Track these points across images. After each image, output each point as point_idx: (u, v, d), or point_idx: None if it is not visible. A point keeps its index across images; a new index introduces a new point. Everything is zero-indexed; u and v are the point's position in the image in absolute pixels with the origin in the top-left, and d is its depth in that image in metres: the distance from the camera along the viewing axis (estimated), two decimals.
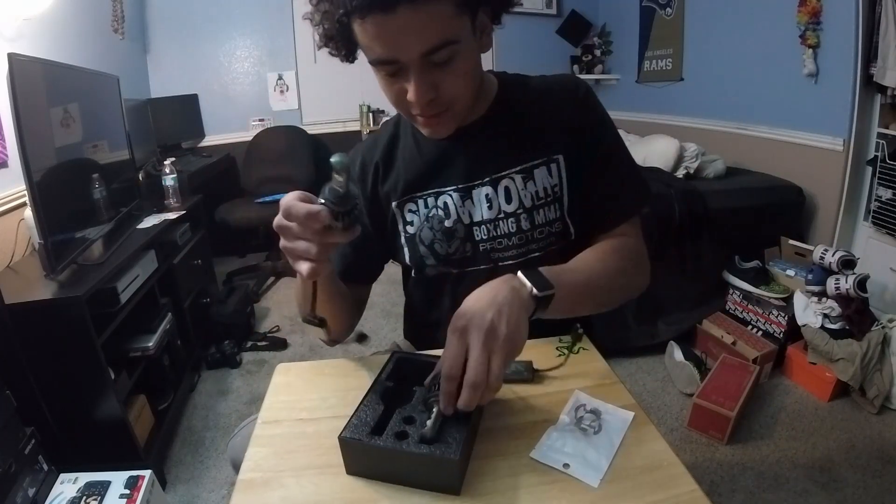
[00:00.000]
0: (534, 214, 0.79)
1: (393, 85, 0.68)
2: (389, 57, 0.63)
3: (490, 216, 0.80)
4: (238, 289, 2.62)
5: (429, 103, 0.67)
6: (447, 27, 0.62)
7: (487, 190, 0.80)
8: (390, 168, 0.85)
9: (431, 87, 0.66)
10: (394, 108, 0.74)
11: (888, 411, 1.79)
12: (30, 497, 1.20)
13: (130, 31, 2.94)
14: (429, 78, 0.65)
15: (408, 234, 0.84)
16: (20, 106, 1.25)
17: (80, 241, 1.53)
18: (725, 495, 1.50)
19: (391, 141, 0.86)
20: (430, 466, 0.54)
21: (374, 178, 0.85)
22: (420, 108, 0.68)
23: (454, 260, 0.83)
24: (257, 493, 0.55)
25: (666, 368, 2.10)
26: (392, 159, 0.85)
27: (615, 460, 0.57)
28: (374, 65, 0.66)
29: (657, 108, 3.23)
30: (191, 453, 1.74)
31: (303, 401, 0.70)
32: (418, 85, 0.65)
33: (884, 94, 1.98)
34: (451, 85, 0.67)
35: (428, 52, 0.62)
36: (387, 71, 0.66)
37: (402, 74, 0.65)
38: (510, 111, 0.81)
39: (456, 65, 0.65)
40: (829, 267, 1.89)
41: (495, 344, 0.55)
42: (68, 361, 1.38)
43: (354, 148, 0.90)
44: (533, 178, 0.79)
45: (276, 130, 3.42)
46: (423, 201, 0.82)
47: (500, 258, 0.82)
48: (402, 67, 0.64)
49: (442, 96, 0.68)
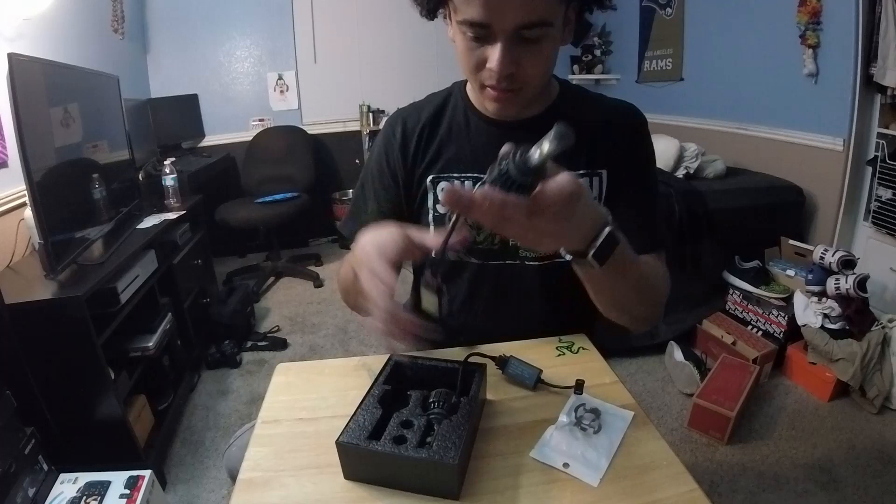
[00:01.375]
0: None
1: (474, 50, 0.67)
2: (484, 20, 0.63)
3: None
4: (238, 289, 2.62)
5: (507, 77, 0.67)
6: (548, 7, 0.62)
7: None
8: (433, 138, 0.83)
9: (513, 62, 0.66)
10: (465, 74, 0.73)
11: (888, 411, 1.79)
12: (30, 497, 1.20)
13: (130, 31, 2.94)
14: (514, 51, 0.65)
15: (437, 213, 0.83)
16: (20, 106, 1.25)
17: (80, 241, 1.53)
18: (725, 495, 1.50)
19: (438, 111, 0.85)
20: (429, 471, 0.53)
21: (417, 144, 0.83)
22: (496, 80, 0.68)
23: (479, 250, 0.82)
24: (257, 493, 0.55)
25: (666, 368, 2.10)
26: (436, 130, 0.84)
27: (615, 460, 0.57)
28: (464, 25, 0.65)
29: (657, 108, 3.23)
30: (191, 453, 1.74)
31: (302, 401, 0.70)
32: (503, 55, 0.64)
33: (884, 94, 1.97)
34: (532, 65, 0.67)
35: (523, 26, 0.62)
36: (474, 34, 0.65)
37: (488, 41, 0.65)
38: (566, 114, 0.79)
39: (542, 47, 0.66)
40: (829, 267, 1.89)
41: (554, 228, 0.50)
42: (68, 361, 1.38)
43: (398, 110, 0.89)
44: None
45: (276, 130, 3.42)
46: (460, 183, 0.81)
47: (528, 257, 0.81)
48: (490, 34, 0.64)
49: (520, 74, 0.67)
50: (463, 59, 0.70)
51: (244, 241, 3.46)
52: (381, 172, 0.86)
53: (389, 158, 0.85)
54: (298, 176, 3.25)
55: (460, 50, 0.70)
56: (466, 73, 0.72)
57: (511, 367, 0.70)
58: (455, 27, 0.68)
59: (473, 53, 0.67)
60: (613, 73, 3.68)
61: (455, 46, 0.71)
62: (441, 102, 0.85)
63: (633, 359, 2.17)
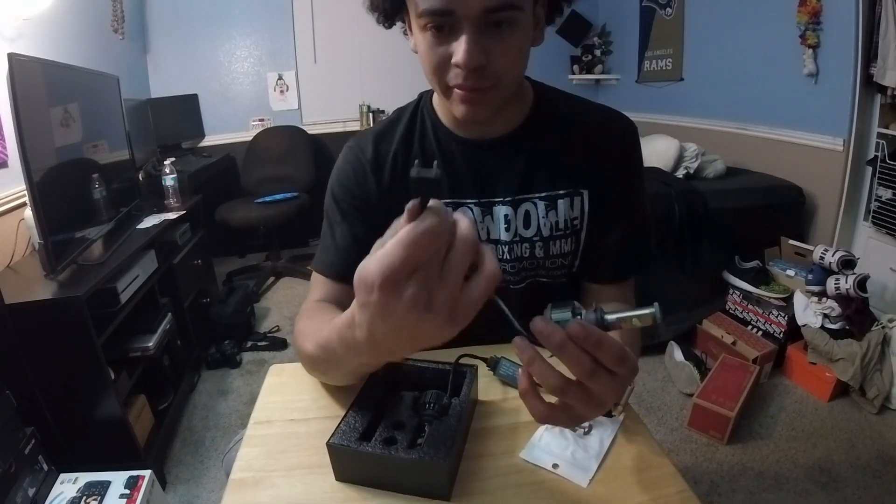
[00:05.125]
0: (549, 244, 0.77)
1: (437, 47, 0.61)
2: (446, 6, 0.57)
3: (507, 238, 0.77)
4: (238, 289, 2.62)
5: (476, 71, 0.61)
6: None
7: (507, 210, 0.76)
8: (407, 163, 0.78)
9: (482, 53, 0.60)
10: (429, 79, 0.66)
11: (888, 411, 1.79)
12: (30, 497, 1.20)
13: (130, 31, 2.94)
14: (482, 40, 0.59)
15: None
16: (20, 106, 1.26)
17: (80, 241, 1.53)
18: (725, 495, 1.50)
19: (408, 131, 0.79)
20: (420, 472, 0.53)
21: (393, 170, 0.78)
22: (465, 76, 0.61)
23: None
24: (248, 493, 0.55)
25: (666, 368, 2.10)
26: (409, 153, 0.78)
27: (605, 460, 0.58)
28: (425, 16, 0.59)
29: (657, 108, 3.22)
30: (191, 453, 1.74)
31: (295, 401, 0.70)
32: (470, 45, 0.58)
33: (884, 94, 1.97)
34: (503, 57, 0.61)
35: (490, 9, 0.57)
36: (436, 24, 0.60)
37: (453, 34, 0.60)
38: (544, 129, 0.76)
39: (512, 35, 0.60)
40: (829, 267, 1.89)
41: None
42: (68, 361, 1.38)
43: (360, 134, 0.83)
44: (556, 207, 0.76)
45: (276, 130, 3.42)
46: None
47: (512, 281, 0.80)
48: (454, 24, 0.59)
49: (490, 67, 0.61)
50: (426, 60, 0.64)
51: (244, 241, 3.46)
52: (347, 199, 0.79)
53: (360, 184, 0.79)
54: (298, 176, 3.25)
55: (423, 51, 0.64)
56: (431, 74, 0.65)
57: (502, 367, 0.71)
58: (415, 25, 0.63)
59: (437, 51, 0.62)
60: (613, 73, 3.68)
61: (419, 55, 0.66)
62: (409, 122, 0.80)
63: None
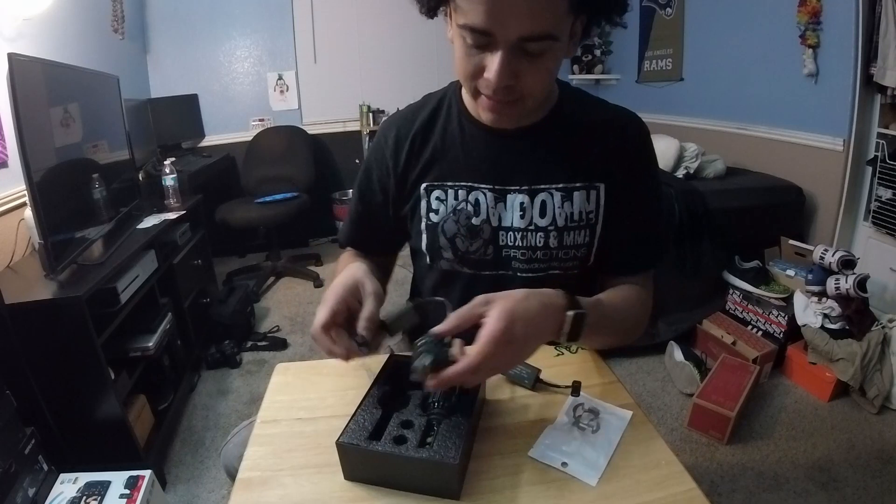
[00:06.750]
0: (564, 235, 0.78)
1: (472, 57, 0.64)
2: (486, 27, 0.59)
3: (521, 225, 0.78)
4: (238, 289, 2.62)
5: (504, 88, 0.64)
6: (555, 21, 0.60)
7: (523, 198, 0.78)
8: (426, 145, 0.82)
9: (513, 74, 0.63)
10: (461, 79, 0.70)
11: (888, 411, 1.79)
12: (30, 497, 1.20)
13: (130, 31, 2.94)
14: (514, 63, 0.62)
15: (430, 222, 0.82)
16: (20, 106, 1.25)
17: (80, 241, 1.53)
18: (725, 495, 1.50)
19: (431, 117, 0.83)
20: (430, 471, 0.53)
21: (409, 152, 0.82)
22: (492, 90, 0.65)
23: (471, 259, 0.82)
24: (256, 493, 0.55)
25: (666, 368, 2.10)
26: (429, 136, 0.82)
27: (613, 459, 0.57)
28: (464, 29, 0.62)
29: (657, 108, 3.23)
30: (191, 453, 1.74)
31: (301, 400, 0.70)
32: (502, 67, 0.61)
33: (884, 94, 1.97)
34: (532, 79, 0.64)
35: (527, 38, 0.60)
36: (474, 40, 0.62)
37: (489, 49, 0.62)
38: (564, 125, 0.79)
39: (544, 61, 0.63)
40: (829, 267, 1.89)
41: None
42: (68, 361, 1.38)
43: (389, 118, 0.88)
44: (571, 199, 0.77)
45: (276, 130, 3.42)
46: (454, 192, 0.80)
47: (521, 269, 0.81)
48: (491, 42, 0.61)
49: (518, 87, 0.65)
50: (460, 64, 0.67)
51: (244, 241, 3.46)
52: (368, 181, 0.86)
53: (379, 167, 0.85)
54: (298, 176, 3.25)
55: (458, 54, 0.66)
56: (462, 78, 0.69)
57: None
58: (455, 30, 0.65)
59: (471, 60, 0.64)
60: (613, 73, 3.68)
61: (453, 48, 0.68)
62: (435, 107, 0.83)
63: (633, 359, 2.17)
